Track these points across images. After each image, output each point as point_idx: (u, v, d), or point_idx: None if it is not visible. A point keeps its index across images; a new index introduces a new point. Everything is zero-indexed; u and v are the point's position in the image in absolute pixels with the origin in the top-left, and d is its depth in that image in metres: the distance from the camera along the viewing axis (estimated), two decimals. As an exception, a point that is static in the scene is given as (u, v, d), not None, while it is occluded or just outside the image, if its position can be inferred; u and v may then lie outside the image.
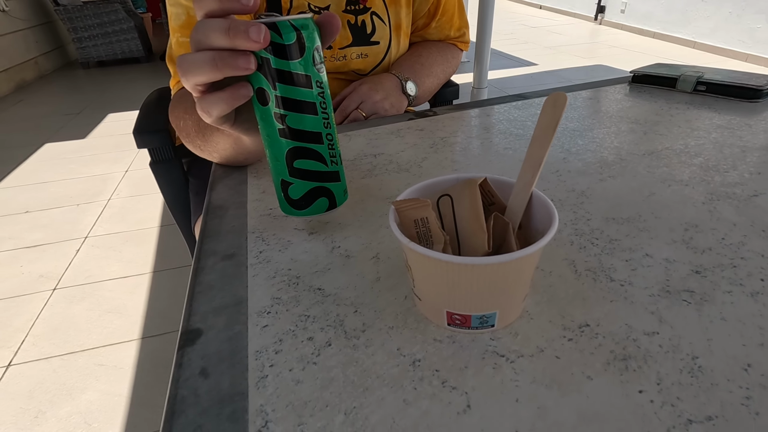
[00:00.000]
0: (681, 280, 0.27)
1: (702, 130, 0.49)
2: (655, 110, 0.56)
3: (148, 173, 2.30)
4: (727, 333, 0.23)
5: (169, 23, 0.59)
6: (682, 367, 0.22)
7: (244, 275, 0.31)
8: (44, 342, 1.18)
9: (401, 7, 0.70)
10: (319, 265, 0.31)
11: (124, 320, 1.24)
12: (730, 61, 3.48)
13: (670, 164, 0.42)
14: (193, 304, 0.29)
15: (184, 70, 0.28)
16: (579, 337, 0.24)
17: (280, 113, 0.30)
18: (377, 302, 0.27)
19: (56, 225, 1.72)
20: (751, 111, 0.53)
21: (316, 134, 0.31)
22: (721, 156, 0.42)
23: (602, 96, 0.64)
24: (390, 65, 0.73)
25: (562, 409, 0.20)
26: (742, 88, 0.56)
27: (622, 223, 0.33)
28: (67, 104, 3.29)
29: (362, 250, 0.33)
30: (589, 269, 0.29)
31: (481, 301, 0.23)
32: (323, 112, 0.31)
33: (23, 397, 1.02)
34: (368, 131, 0.56)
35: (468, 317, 0.24)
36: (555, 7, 6.32)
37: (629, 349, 0.23)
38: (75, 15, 4.03)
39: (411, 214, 0.25)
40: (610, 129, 0.51)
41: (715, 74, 0.60)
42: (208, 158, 0.51)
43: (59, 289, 1.37)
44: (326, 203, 0.34)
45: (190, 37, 0.28)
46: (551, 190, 0.39)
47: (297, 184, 0.33)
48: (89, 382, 1.06)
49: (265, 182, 0.45)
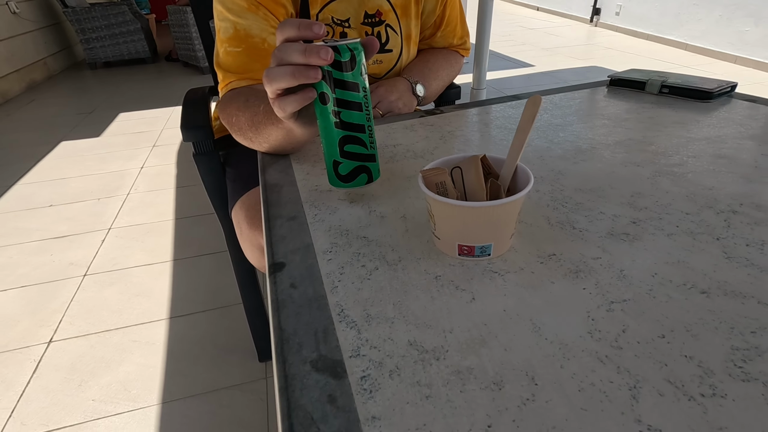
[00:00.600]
0: (622, 227, 0.38)
1: (661, 124, 0.60)
2: (626, 109, 0.68)
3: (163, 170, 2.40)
4: (646, 257, 0.34)
5: (217, 35, 0.70)
6: (612, 275, 0.33)
7: (306, 230, 0.42)
8: (80, 321, 1.29)
9: (411, 20, 0.81)
10: (362, 222, 0.43)
11: (152, 302, 1.35)
12: (719, 63, 3.61)
13: (629, 151, 0.53)
14: (273, 248, 0.40)
15: (270, 78, 0.39)
16: (548, 261, 0.35)
17: (336, 110, 0.41)
18: (408, 244, 0.38)
19: (80, 217, 1.82)
20: (704, 109, 0.65)
21: (361, 126, 0.42)
22: (670, 144, 0.54)
23: (584, 97, 0.75)
24: (401, 70, 0.84)
25: (533, 299, 0.31)
26: (697, 90, 0.67)
27: (586, 193, 0.44)
28: (79, 104, 3.39)
29: (392, 212, 0.44)
30: (559, 222, 0.40)
31: (482, 236, 0.34)
32: (366, 109, 0.42)
33: (66, 369, 1.13)
34: (386, 126, 0.67)
35: (473, 248, 0.35)
36: (552, 9, 6.44)
37: (580, 267, 0.34)
38: (83, 17, 4.12)
39: (433, 179, 0.36)
40: (587, 124, 0.63)
41: (677, 79, 0.71)
42: (257, 148, 0.62)
43: (89, 275, 1.48)
44: (366, 178, 0.45)
45: (273, 55, 0.40)
46: (536, 169, 0.50)
47: (345, 164, 0.44)
48: (125, 356, 1.16)
49: (307, 166, 0.56)
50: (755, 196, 0.41)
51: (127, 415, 1.01)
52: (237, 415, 1.00)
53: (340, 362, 0.27)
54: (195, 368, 1.12)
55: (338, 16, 0.75)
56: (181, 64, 4.44)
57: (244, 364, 1.13)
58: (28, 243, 1.67)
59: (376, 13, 0.77)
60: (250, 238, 0.74)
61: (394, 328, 0.30)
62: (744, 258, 0.34)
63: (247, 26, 0.66)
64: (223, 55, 0.69)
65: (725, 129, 0.57)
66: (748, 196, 0.42)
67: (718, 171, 0.46)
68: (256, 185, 0.76)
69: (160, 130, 2.75)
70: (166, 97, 3.40)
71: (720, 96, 0.68)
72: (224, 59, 0.69)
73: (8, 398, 1.06)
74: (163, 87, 3.73)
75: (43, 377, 1.11)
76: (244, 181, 0.79)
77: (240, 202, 0.78)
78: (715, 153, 0.51)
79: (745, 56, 3.50)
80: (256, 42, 0.67)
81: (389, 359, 0.27)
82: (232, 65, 0.68)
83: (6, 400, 1.06)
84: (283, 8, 0.70)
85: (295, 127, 0.48)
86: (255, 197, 0.75)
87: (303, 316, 0.31)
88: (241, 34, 0.67)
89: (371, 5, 0.76)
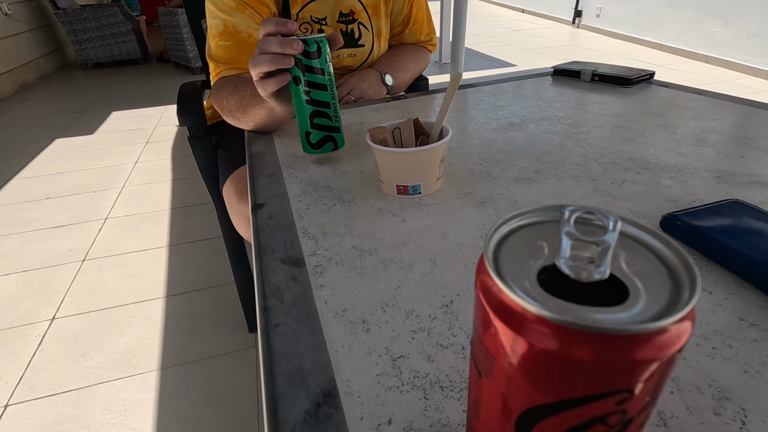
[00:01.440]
0: (526, 174, 0.50)
1: (583, 104, 0.72)
2: (559, 93, 0.79)
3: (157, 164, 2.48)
4: (537, 192, 0.46)
5: (209, 30, 0.81)
6: (507, 204, 0.44)
7: (282, 182, 0.53)
8: (81, 301, 1.37)
9: (381, 18, 0.92)
10: (327, 177, 0.53)
11: (148, 283, 1.44)
12: (691, 63, 3.77)
13: (551, 124, 0.64)
14: (255, 195, 0.50)
15: (254, 64, 0.50)
16: (464, 197, 0.46)
17: (306, 90, 0.52)
18: (361, 189, 0.49)
19: (77, 209, 1.91)
20: (623, 93, 0.76)
21: (327, 103, 0.53)
22: (584, 118, 0.65)
23: (530, 84, 0.87)
24: (373, 63, 0.95)
25: (447, 219, 0.42)
26: (620, 77, 0.79)
27: (506, 153, 0.56)
28: (71, 103, 3.45)
29: (352, 170, 0.55)
30: (479, 172, 0.51)
31: (413, 177, 0.45)
32: (330, 89, 0.53)
33: (70, 342, 1.22)
34: (357, 109, 0.78)
35: (407, 187, 0.46)
36: (536, 11, 6.61)
37: (486, 199, 0.45)
38: (74, 18, 4.18)
39: (377, 135, 0.47)
40: (524, 105, 0.74)
41: (606, 68, 0.83)
42: (245, 127, 0.73)
43: (88, 260, 1.57)
44: (332, 146, 0.56)
45: (256, 45, 0.50)
46: (471, 137, 0.61)
47: (315, 134, 0.55)
48: (125, 330, 1.26)
49: (286, 140, 0.67)
50: (633, 153, 0.53)
51: (128, 380, 1.10)
52: (229, 378, 1.10)
53: (301, 259, 0.38)
54: (190, 339, 1.22)
55: (316, 15, 0.85)
56: (172, 64, 4.51)
57: (236, 334, 1.23)
58: (27, 232, 1.75)
59: (350, 12, 0.88)
60: (239, 209, 0.84)
61: (342, 239, 0.41)
62: (606, 191, 0.45)
63: (235, 23, 0.77)
64: (214, 48, 0.80)
65: (631, 107, 0.69)
66: (628, 152, 0.53)
67: (612, 136, 0.58)
68: (244, 164, 0.87)
69: (153, 128, 2.83)
70: (158, 96, 3.48)
71: (639, 82, 0.80)
72: (215, 52, 0.79)
73: (16, 368, 1.15)
74: (155, 87, 3.81)
75: (48, 349, 1.20)
76: (234, 161, 0.90)
77: (230, 179, 0.88)
78: (616, 124, 0.62)
79: (715, 56, 3.67)
80: (243, 37, 0.78)
81: (336, 256, 0.38)
82: (223, 57, 0.78)
83: (14, 369, 1.14)
84: (267, 7, 0.80)
85: (275, 106, 0.59)
86: (243, 174, 0.85)
87: (276, 235, 0.42)
88: (230, 30, 0.77)
89: (345, 5, 0.87)
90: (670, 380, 0.25)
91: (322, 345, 0.29)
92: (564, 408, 0.12)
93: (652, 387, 0.12)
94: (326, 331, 0.30)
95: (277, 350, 0.29)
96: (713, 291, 0.31)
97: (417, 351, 0.28)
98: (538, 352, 0.11)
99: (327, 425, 0.24)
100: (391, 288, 0.34)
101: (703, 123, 0.60)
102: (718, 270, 0.33)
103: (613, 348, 0.11)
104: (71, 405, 1.04)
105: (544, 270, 0.13)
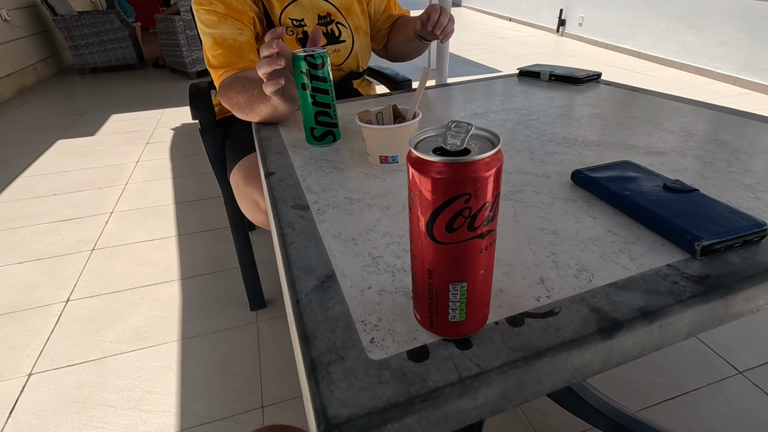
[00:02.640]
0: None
1: (537, 98, 0.86)
2: (522, 91, 0.93)
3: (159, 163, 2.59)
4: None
5: (203, 46, 0.94)
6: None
7: (288, 157, 0.66)
8: (93, 285, 1.48)
9: (356, 16, 1.07)
10: (325, 153, 0.66)
11: (156, 269, 1.55)
12: (666, 69, 3.98)
13: (507, 113, 0.78)
14: (267, 165, 0.63)
15: (258, 67, 0.63)
16: (431, 165, 0.59)
17: (312, 94, 0.65)
18: (352, 160, 0.62)
19: (84, 204, 2.01)
20: (573, 90, 0.91)
21: (328, 104, 0.67)
22: (536, 109, 0.79)
23: (498, 83, 1.01)
24: (356, 56, 1.08)
25: (417, 179, 0.55)
26: (571, 77, 0.93)
27: (469, 135, 0.69)
28: (71, 106, 3.55)
29: (345, 148, 0.68)
30: (445, 148, 0.64)
31: (392, 149, 0.58)
32: (331, 93, 0.66)
33: (84, 320, 1.33)
34: (349, 104, 0.92)
35: (387, 157, 0.59)
36: (522, 20, 6.84)
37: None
38: (72, 24, 4.29)
39: (364, 117, 0.60)
40: (490, 100, 0.88)
41: (561, 70, 0.97)
42: (252, 120, 0.86)
43: (97, 249, 1.68)
44: (332, 139, 0.69)
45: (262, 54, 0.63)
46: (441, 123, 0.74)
47: (318, 128, 0.68)
48: (135, 309, 1.37)
49: (289, 127, 0.80)
50: (567, 133, 0.67)
51: (141, 351, 1.21)
52: (233, 349, 1.22)
53: (306, 205, 0.51)
54: (196, 317, 1.33)
55: (295, 17, 0.99)
56: (168, 69, 4.62)
57: (238, 312, 1.34)
58: (37, 225, 1.85)
59: (327, 14, 1.02)
60: (245, 192, 0.96)
61: (337, 193, 0.54)
62: (540, 159, 0.59)
63: (221, 33, 0.92)
64: (211, 59, 0.94)
65: (576, 100, 0.83)
66: (563, 133, 0.67)
67: (555, 122, 0.72)
68: (250, 152, 1.00)
69: (153, 129, 2.94)
70: (156, 100, 3.59)
71: (588, 81, 0.94)
72: (213, 61, 0.94)
73: (36, 342, 1.25)
74: (152, 91, 3.91)
75: (65, 326, 1.31)
76: (241, 151, 1.02)
77: (237, 166, 1.01)
78: (560, 113, 0.76)
79: (688, 63, 3.88)
80: (230, 43, 0.93)
81: (333, 203, 0.51)
82: (219, 63, 0.93)
83: (35, 343, 1.25)
84: (246, 15, 0.94)
85: (278, 104, 0.72)
86: (249, 161, 0.98)
87: (286, 191, 0.55)
88: (218, 40, 0.92)
89: (321, 9, 1.01)
90: (553, 260, 0.38)
91: (323, 252, 0.42)
92: (443, 208, 0.25)
93: (482, 193, 0.25)
94: (327, 245, 0.43)
95: (293, 255, 0.42)
96: (596, 216, 0.45)
97: (389, 253, 0.41)
98: (430, 178, 0.25)
99: (329, 291, 0.37)
100: (373, 220, 0.47)
101: (627, 111, 0.75)
102: (604, 204, 0.46)
103: (458, 169, 0.24)
104: (90, 373, 1.15)
105: (437, 148, 0.26)
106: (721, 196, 0.47)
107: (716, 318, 0.35)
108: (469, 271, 0.28)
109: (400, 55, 1.21)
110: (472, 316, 0.30)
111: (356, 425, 0.26)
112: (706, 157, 0.56)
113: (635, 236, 0.41)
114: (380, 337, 0.32)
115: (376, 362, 0.30)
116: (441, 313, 0.30)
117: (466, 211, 0.25)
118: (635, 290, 0.35)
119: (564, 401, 0.89)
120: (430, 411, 0.28)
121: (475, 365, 0.29)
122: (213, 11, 0.91)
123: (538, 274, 0.37)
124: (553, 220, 0.45)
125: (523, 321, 0.33)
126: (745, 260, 0.37)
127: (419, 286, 0.30)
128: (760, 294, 0.36)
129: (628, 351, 0.32)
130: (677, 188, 0.44)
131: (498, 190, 0.26)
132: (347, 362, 0.30)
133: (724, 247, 0.37)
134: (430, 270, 0.29)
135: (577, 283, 0.36)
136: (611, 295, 0.34)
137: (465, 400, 0.28)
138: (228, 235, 1.61)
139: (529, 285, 0.36)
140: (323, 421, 0.26)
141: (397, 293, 0.36)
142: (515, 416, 0.98)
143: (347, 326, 0.33)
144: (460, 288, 0.29)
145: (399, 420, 0.27)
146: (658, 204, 0.42)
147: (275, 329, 1.27)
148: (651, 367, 1.08)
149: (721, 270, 0.36)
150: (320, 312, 0.35)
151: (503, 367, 0.29)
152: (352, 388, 0.28)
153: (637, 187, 0.46)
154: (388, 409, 0.27)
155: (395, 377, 0.29)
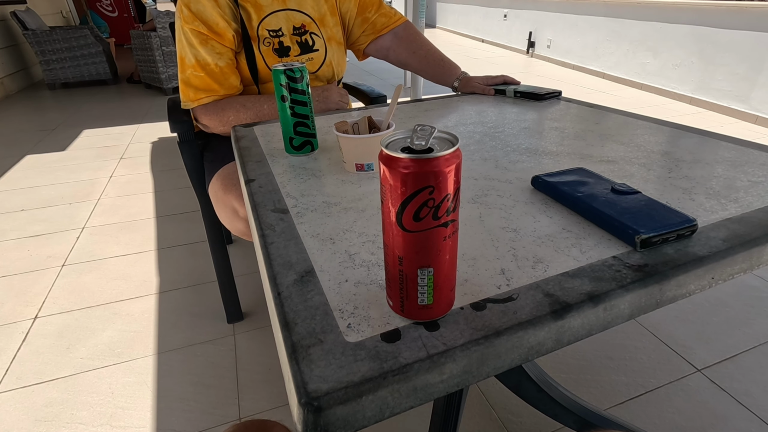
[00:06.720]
0: (451, 158, 0.68)
1: (503, 113, 0.92)
2: (491, 106, 0.99)
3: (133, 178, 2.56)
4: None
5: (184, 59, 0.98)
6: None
7: (267, 165, 0.68)
8: (63, 301, 1.44)
9: (329, 27, 1.11)
10: (303, 161, 0.70)
11: (130, 284, 1.52)
12: (628, 89, 4.22)
13: (475, 126, 0.84)
14: (247, 174, 0.66)
15: None
16: (404, 172, 0.63)
17: (291, 106, 0.68)
18: (329, 168, 0.66)
19: (54, 219, 1.96)
20: (536, 106, 0.97)
21: (306, 115, 0.70)
22: (501, 122, 0.85)
23: (472, 99, 1.07)
24: (330, 64, 1.12)
25: (391, 185, 0.59)
26: (534, 94, 1.00)
27: (440, 146, 0.74)
28: (40, 121, 3.47)
29: (323, 157, 0.71)
30: (418, 157, 0.69)
31: (367, 157, 0.62)
32: (309, 105, 0.70)
33: (54, 336, 1.29)
34: (327, 118, 0.95)
35: (363, 165, 0.62)
36: (495, 41, 7.12)
37: (420, 173, 0.63)
38: (43, 39, 4.22)
39: (341, 127, 0.64)
40: (461, 114, 0.93)
41: (524, 88, 1.04)
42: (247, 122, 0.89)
43: (67, 265, 1.64)
44: (310, 148, 0.73)
45: None
46: (416, 137, 0.79)
47: (296, 138, 0.71)
48: (107, 325, 1.34)
49: (268, 137, 0.82)
50: (529, 144, 0.72)
51: (113, 367, 1.19)
52: (210, 362, 1.20)
53: (285, 209, 0.54)
54: (172, 330, 1.31)
55: (272, 28, 1.03)
56: (143, 85, 4.58)
57: (215, 325, 1.33)
58: (3, 242, 1.79)
59: (301, 25, 1.07)
60: (224, 200, 0.98)
61: (315, 198, 0.57)
62: (504, 167, 0.63)
63: (203, 57, 0.96)
64: (191, 77, 0.97)
65: (537, 114, 0.89)
66: (525, 144, 0.73)
67: (517, 134, 0.78)
68: (228, 162, 1.02)
69: (127, 144, 2.90)
70: (131, 115, 3.54)
71: (550, 98, 1.01)
72: (193, 80, 0.97)
73: (2, 361, 1.21)
74: (126, 106, 3.87)
75: (33, 344, 1.27)
76: (220, 161, 1.04)
77: (216, 176, 1.02)
78: (522, 126, 0.82)
79: (647, 83, 4.13)
80: (211, 68, 0.97)
81: (311, 206, 0.54)
82: (200, 85, 0.97)
83: (0, 362, 1.20)
84: (227, 36, 0.98)
85: None
86: (228, 170, 1.00)
87: (267, 197, 0.58)
88: (201, 63, 0.96)
89: (296, 20, 1.06)
90: (513, 254, 0.42)
91: (303, 250, 0.45)
92: (410, 199, 0.29)
93: (444, 186, 0.29)
94: (306, 244, 0.46)
95: (273, 253, 0.44)
96: (552, 216, 0.49)
97: (365, 251, 0.44)
98: (399, 172, 0.28)
99: (308, 284, 0.40)
100: (349, 222, 0.50)
101: (584, 125, 0.81)
102: (559, 206, 0.51)
103: (423, 165, 0.28)
104: (59, 390, 1.12)
105: (405, 147, 0.30)
106: (661, 197, 0.52)
107: (653, 301, 0.39)
108: (435, 256, 0.31)
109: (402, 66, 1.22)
110: (439, 300, 0.34)
111: (334, 398, 0.29)
112: (650, 165, 0.62)
113: (586, 232, 0.46)
114: (356, 323, 0.35)
115: (352, 344, 0.33)
116: (411, 297, 0.33)
117: (430, 202, 0.29)
118: (584, 278, 0.39)
119: (535, 401, 0.93)
120: (401, 384, 0.30)
121: (442, 343, 0.33)
122: (197, 32, 0.95)
123: (499, 266, 0.41)
124: (514, 220, 0.49)
125: (485, 306, 0.36)
126: (678, 251, 0.42)
127: (391, 273, 0.34)
128: (691, 280, 0.40)
129: (577, 330, 0.36)
130: (623, 191, 0.50)
131: (458, 185, 0.30)
132: (326, 344, 0.33)
133: (661, 240, 0.42)
134: (401, 257, 0.32)
135: (534, 273, 0.40)
136: (563, 283, 0.38)
137: (433, 374, 0.31)
138: (205, 249, 1.61)
139: (491, 275, 0.40)
140: (304, 395, 0.29)
141: (372, 285, 0.39)
142: (489, 418, 1.01)
143: (326, 314, 0.36)
144: (428, 273, 0.32)
145: (373, 392, 0.30)
146: (606, 204, 0.47)
147: (253, 341, 1.27)
148: (617, 367, 1.14)
149: (658, 260, 0.41)
150: (300, 302, 0.37)
151: (467, 344, 0.33)
152: (331, 366, 0.31)
153: (588, 190, 0.51)
154: (363, 383, 0.30)
155: (370, 356, 0.32)
